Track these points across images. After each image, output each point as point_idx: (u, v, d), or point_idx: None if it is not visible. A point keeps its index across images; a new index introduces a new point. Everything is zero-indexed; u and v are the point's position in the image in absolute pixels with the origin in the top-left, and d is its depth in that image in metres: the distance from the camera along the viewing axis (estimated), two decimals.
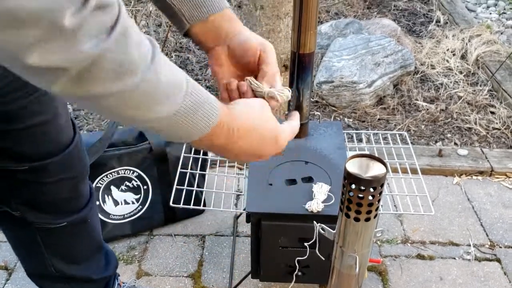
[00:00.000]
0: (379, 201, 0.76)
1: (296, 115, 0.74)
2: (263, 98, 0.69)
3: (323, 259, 1.06)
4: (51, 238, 1.07)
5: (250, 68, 0.72)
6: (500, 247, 1.59)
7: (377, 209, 0.77)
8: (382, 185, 0.74)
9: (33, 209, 0.99)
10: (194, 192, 1.32)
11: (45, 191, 0.97)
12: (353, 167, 0.75)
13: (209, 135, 0.57)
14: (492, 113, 2.25)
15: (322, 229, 0.94)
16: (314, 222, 0.97)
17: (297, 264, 1.14)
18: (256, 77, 0.71)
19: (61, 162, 0.94)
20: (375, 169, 0.74)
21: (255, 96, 0.69)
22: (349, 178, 0.74)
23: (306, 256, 1.09)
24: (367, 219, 0.78)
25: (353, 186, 0.74)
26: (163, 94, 0.50)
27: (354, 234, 0.81)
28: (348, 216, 0.79)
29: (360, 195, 0.75)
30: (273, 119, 0.66)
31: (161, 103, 0.50)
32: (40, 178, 0.94)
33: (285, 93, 0.69)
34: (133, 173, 1.54)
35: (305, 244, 1.08)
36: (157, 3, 0.71)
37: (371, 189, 0.73)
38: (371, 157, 0.76)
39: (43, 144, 0.90)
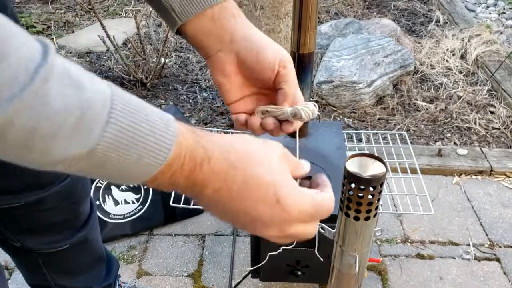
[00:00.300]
0: (378, 200, 0.76)
1: (325, 181, 0.51)
2: (286, 120, 0.56)
3: (322, 260, 1.07)
4: (52, 260, 1.03)
5: (265, 83, 0.57)
6: (500, 247, 1.60)
7: (376, 208, 0.78)
8: (381, 184, 0.74)
9: (32, 235, 0.95)
10: None
11: (42, 218, 0.92)
12: (353, 166, 0.75)
13: (164, 173, 0.40)
14: (492, 112, 2.26)
15: (322, 228, 0.94)
16: None
17: (296, 264, 1.14)
18: (271, 96, 0.58)
19: (60, 191, 0.88)
20: (375, 169, 0.74)
21: (276, 119, 0.56)
22: (349, 177, 0.74)
23: (306, 255, 1.09)
24: (367, 218, 0.78)
25: (353, 185, 0.75)
26: (63, 121, 0.34)
27: (354, 233, 0.81)
28: (348, 215, 0.79)
29: (360, 194, 0.75)
30: (281, 168, 0.45)
31: (65, 136, 0.34)
32: (38, 208, 0.89)
33: (309, 108, 0.56)
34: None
35: (305, 243, 1.08)
36: None
37: (371, 188, 0.74)
38: (371, 156, 0.76)
39: (41, 176, 0.83)
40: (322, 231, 0.96)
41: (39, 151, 0.34)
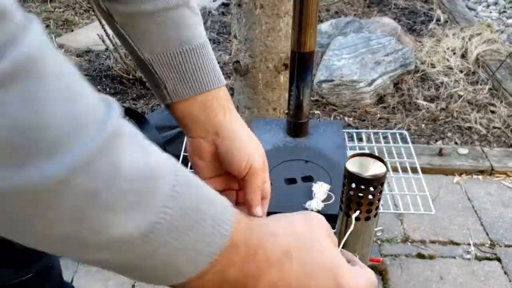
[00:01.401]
0: (379, 200, 0.76)
1: (354, 258, 0.49)
2: None
3: None
4: None
5: (235, 176, 0.59)
6: (500, 246, 1.59)
7: (377, 208, 0.77)
8: (382, 184, 0.74)
9: None
10: None
11: (9, 241, 0.83)
12: (353, 166, 0.74)
13: (214, 265, 0.34)
14: (493, 112, 2.25)
15: None
16: None
17: None
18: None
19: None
20: (375, 168, 0.74)
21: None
22: (349, 177, 0.74)
23: None
24: (367, 218, 0.78)
25: (353, 185, 0.74)
26: (128, 189, 0.29)
27: (354, 233, 0.81)
28: (348, 215, 0.79)
29: (360, 194, 0.74)
30: (332, 248, 0.42)
31: (125, 208, 0.29)
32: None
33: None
34: None
35: None
36: (133, 58, 0.56)
37: (371, 188, 0.73)
38: (371, 156, 0.76)
39: None
40: None
41: (92, 226, 0.28)
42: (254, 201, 0.57)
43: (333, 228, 0.90)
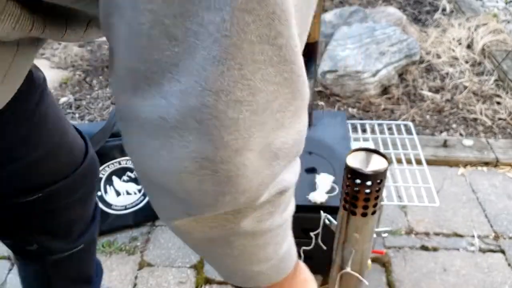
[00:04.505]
0: (377, 197, 0.75)
1: None
2: None
3: (324, 248, 1.06)
4: (61, 268, 0.99)
5: None
6: (504, 239, 1.58)
7: (377, 204, 0.76)
8: (381, 181, 0.73)
9: (49, 237, 0.91)
10: None
11: (61, 215, 0.88)
12: (354, 161, 0.73)
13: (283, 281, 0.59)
14: (498, 103, 2.23)
15: (328, 219, 0.93)
16: (321, 212, 0.96)
17: (302, 254, 1.13)
18: None
19: (74, 181, 0.84)
20: (377, 163, 0.73)
21: None
22: (350, 172, 0.73)
23: (311, 247, 1.08)
24: (367, 214, 0.77)
25: (354, 180, 0.73)
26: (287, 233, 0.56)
27: (353, 229, 0.80)
28: (349, 210, 0.78)
29: (361, 190, 0.73)
30: None
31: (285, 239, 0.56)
32: (55, 203, 0.85)
33: None
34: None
35: (311, 234, 1.07)
36: None
37: (372, 184, 0.72)
38: (373, 151, 0.75)
39: (54, 169, 0.80)
40: (327, 222, 0.95)
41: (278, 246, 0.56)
42: None
43: (335, 220, 0.89)
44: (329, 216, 0.96)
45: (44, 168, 0.78)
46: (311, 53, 1.18)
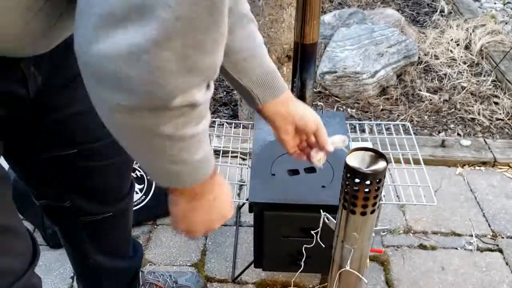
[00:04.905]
0: (376, 196, 0.76)
1: None
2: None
3: (323, 246, 1.07)
4: (94, 230, 1.05)
5: (307, 135, 0.95)
6: (502, 238, 1.60)
7: (377, 203, 0.78)
8: (382, 179, 0.74)
9: (83, 197, 0.97)
10: None
11: (95, 176, 0.95)
12: (353, 161, 0.75)
13: (201, 184, 0.68)
14: (496, 103, 2.25)
15: (327, 218, 0.94)
16: (321, 210, 0.97)
17: (304, 252, 1.15)
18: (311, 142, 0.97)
19: (107, 146, 0.90)
20: (376, 163, 0.74)
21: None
22: (349, 172, 0.74)
23: (312, 245, 1.10)
24: (366, 213, 0.78)
25: (354, 180, 0.74)
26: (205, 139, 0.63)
27: (352, 227, 0.81)
28: (348, 209, 0.79)
29: (360, 189, 0.75)
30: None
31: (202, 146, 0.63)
32: (91, 162, 0.92)
33: (341, 138, 1.00)
34: (136, 163, 1.54)
35: (312, 232, 1.08)
36: (233, 85, 0.87)
37: (372, 183, 0.73)
38: (372, 150, 0.76)
39: (91, 128, 0.85)
40: (327, 221, 0.96)
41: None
42: (326, 142, 0.96)
43: (334, 219, 0.91)
44: (328, 215, 0.97)
45: (81, 124, 0.86)
46: (310, 54, 1.19)
